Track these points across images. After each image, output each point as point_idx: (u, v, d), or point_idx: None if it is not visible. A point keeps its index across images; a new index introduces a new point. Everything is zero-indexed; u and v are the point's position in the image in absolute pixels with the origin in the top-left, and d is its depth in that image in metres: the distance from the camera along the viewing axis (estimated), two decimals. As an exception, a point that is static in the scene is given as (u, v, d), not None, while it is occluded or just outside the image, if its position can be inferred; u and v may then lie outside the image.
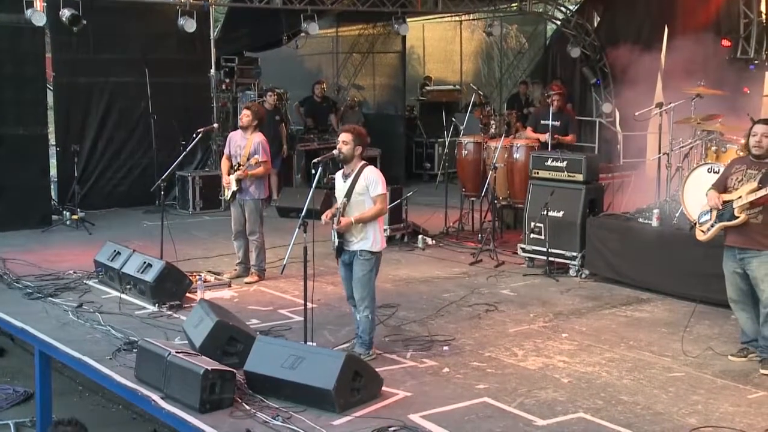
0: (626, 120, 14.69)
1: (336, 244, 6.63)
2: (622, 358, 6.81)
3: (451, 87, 18.92)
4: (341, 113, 16.43)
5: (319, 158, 6.73)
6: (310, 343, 6.70)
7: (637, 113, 10.21)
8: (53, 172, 13.36)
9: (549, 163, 9.66)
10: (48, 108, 12.85)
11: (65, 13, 12.28)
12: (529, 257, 9.81)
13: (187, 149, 9.61)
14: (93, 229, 11.84)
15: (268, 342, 6.06)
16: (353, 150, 6.66)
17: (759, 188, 6.25)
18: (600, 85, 16.94)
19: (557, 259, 9.49)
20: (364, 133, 6.86)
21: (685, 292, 8.17)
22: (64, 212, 12.36)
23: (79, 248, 10.47)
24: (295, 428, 5.38)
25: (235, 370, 5.82)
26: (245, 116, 9.01)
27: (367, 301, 6.66)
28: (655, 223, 8.70)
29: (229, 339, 6.38)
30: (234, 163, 9.01)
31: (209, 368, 5.56)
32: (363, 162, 6.75)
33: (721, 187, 6.59)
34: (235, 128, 14.71)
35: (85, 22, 12.39)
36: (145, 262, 8.24)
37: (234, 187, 8.92)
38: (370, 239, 6.64)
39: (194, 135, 9.46)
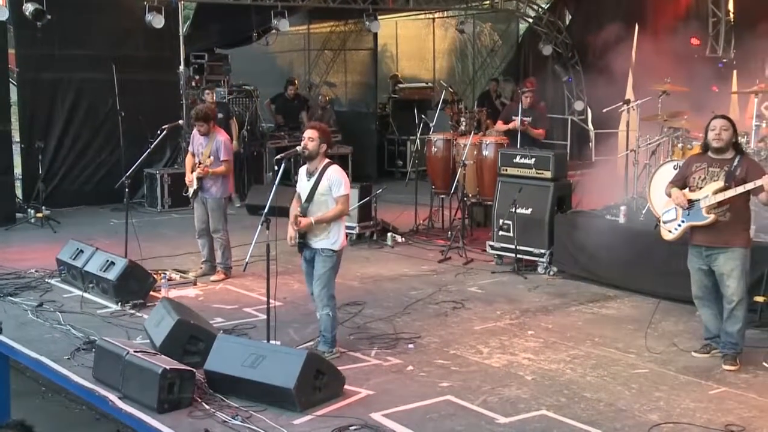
0: (598, 118, 14.76)
1: (294, 243, 6.58)
2: (587, 355, 6.79)
3: (423, 84, 18.86)
4: (313, 111, 16.33)
5: (282, 154, 6.66)
6: (274, 342, 6.63)
7: (604, 110, 10.22)
8: (18, 169, 13.21)
9: (517, 160, 9.64)
10: (11, 104, 12.66)
11: (28, 7, 12.14)
12: (497, 255, 9.78)
13: (152, 146, 9.52)
14: (58, 227, 11.69)
15: (228, 341, 5.98)
16: (318, 147, 6.60)
17: (726, 187, 6.23)
18: (572, 83, 16.99)
19: (526, 257, 9.47)
20: (329, 131, 6.84)
21: (652, 289, 8.18)
22: (29, 210, 12.19)
23: (42, 247, 10.32)
24: (255, 428, 5.31)
25: (194, 370, 5.73)
26: (198, 126, 8.91)
27: (326, 299, 6.60)
28: (622, 219, 8.71)
29: (190, 338, 6.30)
30: (196, 161, 8.92)
31: (167, 367, 5.48)
32: (327, 160, 6.69)
33: (680, 184, 6.56)
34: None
35: (49, 17, 12.25)
36: (107, 261, 8.13)
37: (195, 185, 8.83)
38: (332, 238, 6.59)
39: (159, 132, 9.35)
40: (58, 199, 13.01)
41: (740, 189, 6.21)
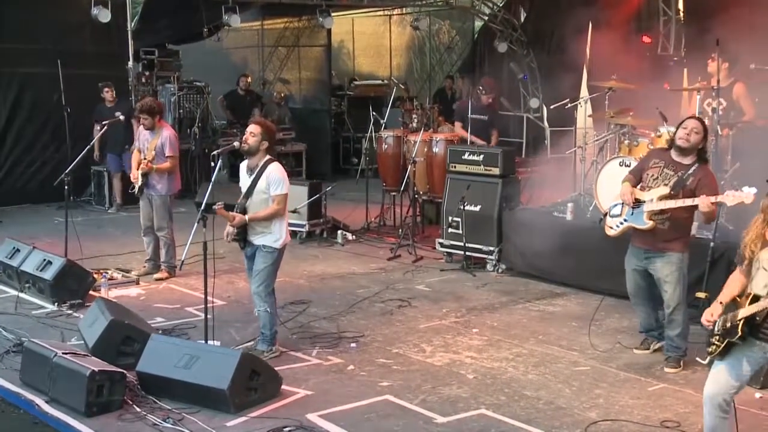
0: (555, 115, 14.76)
1: (230, 239, 6.46)
2: (530, 353, 6.74)
3: (379, 82, 18.77)
4: (267, 108, 16.17)
5: (219, 150, 6.52)
6: (212, 342, 6.50)
7: (551, 106, 10.19)
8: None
9: (466, 156, 9.57)
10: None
11: (-32, -1, 11.84)
12: (447, 252, 9.71)
13: (92, 143, 9.31)
14: (1, 225, 11.40)
15: (161, 341, 5.83)
16: (259, 144, 6.47)
17: (671, 195, 6.13)
18: (527, 80, 16.99)
19: (475, 254, 9.40)
20: (274, 129, 6.74)
21: (597, 286, 8.15)
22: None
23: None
24: (185, 430, 5.17)
25: (126, 372, 5.58)
26: (142, 119, 8.73)
27: (264, 295, 6.47)
28: (569, 216, 8.68)
29: (124, 338, 6.15)
30: (142, 157, 8.73)
31: (96, 369, 5.32)
32: (268, 157, 6.55)
33: (637, 177, 6.44)
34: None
35: (-10, 9, 11.97)
36: (44, 260, 7.92)
37: (140, 182, 8.65)
38: (274, 234, 6.46)
39: (99, 128, 9.14)
40: (2, 197, 12.72)
41: (686, 201, 6.06)
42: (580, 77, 14.86)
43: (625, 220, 6.41)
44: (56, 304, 7.70)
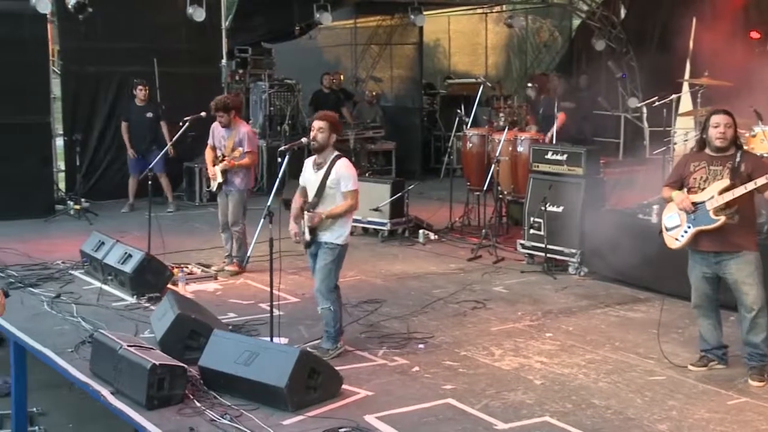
0: (654, 115, 14.29)
1: (299, 239, 6.45)
2: (603, 359, 6.49)
3: (472, 80, 18.56)
4: (359, 106, 16.22)
5: (285, 146, 6.51)
6: (280, 339, 6.50)
7: (638, 104, 9.84)
8: (61, 162, 13.37)
9: (549, 156, 9.33)
10: (53, 97, 12.80)
11: (71, 0, 12.23)
12: (528, 254, 9.49)
13: (174, 139, 9.49)
14: (96, 219, 11.77)
15: (223, 337, 5.85)
16: (328, 138, 6.44)
17: (733, 186, 5.81)
18: (626, 79, 16.53)
19: (556, 256, 9.16)
20: (338, 120, 6.67)
21: (684, 292, 7.75)
22: (68, 202, 12.30)
23: (76, 238, 10.28)
24: (242, 428, 5.16)
25: (187, 366, 5.62)
26: (218, 117, 8.79)
27: (326, 292, 6.44)
28: (654, 219, 8.33)
29: (191, 333, 6.19)
30: (219, 154, 8.82)
31: (157, 363, 5.37)
32: (336, 154, 6.52)
33: (678, 186, 6.16)
34: (247, 119, 14.75)
35: (90, 10, 12.34)
36: (126, 253, 8.09)
37: (219, 179, 8.74)
38: (336, 232, 6.42)
39: (181, 124, 9.30)
40: (100, 191, 13.11)
41: (749, 186, 5.74)
42: (683, 75, 14.36)
43: (690, 227, 6.05)
44: (135, 296, 7.86)
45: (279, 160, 6.32)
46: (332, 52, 18.74)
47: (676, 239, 6.16)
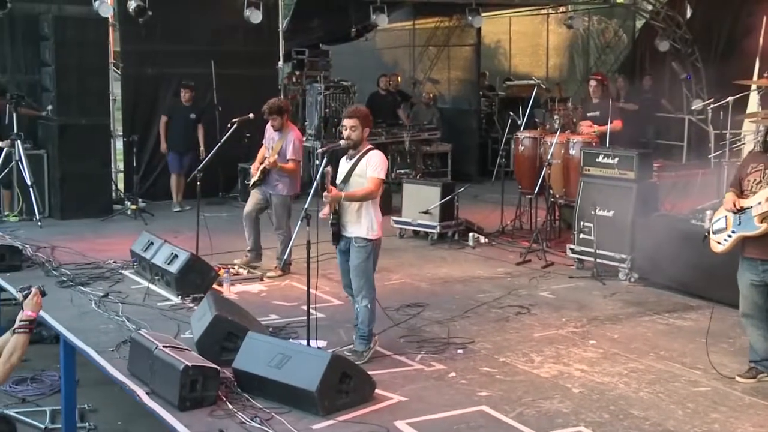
0: (720, 117, 13.93)
1: (330, 221, 6.39)
2: (646, 369, 6.33)
3: (530, 82, 18.36)
4: (417, 108, 16.17)
5: (324, 147, 6.50)
6: (318, 343, 6.50)
7: (693, 107, 9.59)
8: (120, 162, 13.62)
9: (600, 159, 9.15)
10: (113, 99, 13.05)
11: (131, 4, 12.46)
12: (578, 259, 9.32)
13: (222, 140, 9.57)
14: (152, 219, 11.94)
15: (257, 339, 5.86)
16: (362, 133, 6.45)
17: None
18: (691, 80, 16.17)
19: (606, 261, 8.97)
20: (368, 113, 6.62)
21: (737, 300, 7.53)
22: (126, 202, 12.52)
23: (130, 238, 10.36)
24: (270, 431, 5.15)
25: (220, 368, 5.64)
26: (271, 120, 8.83)
27: (365, 290, 6.41)
28: (707, 224, 8.08)
29: (227, 334, 6.22)
30: (267, 154, 8.87)
31: (189, 364, 5.40)
32: (370, 146, 6.53)
33: (737, 187, 5.99)
34: (303, 121, 14.84)
35: (150, 13, 12.56)
36: (172, 253, 8.17)
37: (258, 177, 8.78)
38: (363, 225, 6.38)
39: (229, 126, 9.38)
40: (158, 191, 13.31)
41: None
42: (751, 77, 13.97)
43: (734, 231, 5.87)
44: (180, 297, 7.93)
45: (317, 161, 6.30)
46: (391, 54, 18.73)
47: (719, 243, 6.02)
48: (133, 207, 12.13)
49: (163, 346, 5.67)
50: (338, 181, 6.45)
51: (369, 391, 5.67)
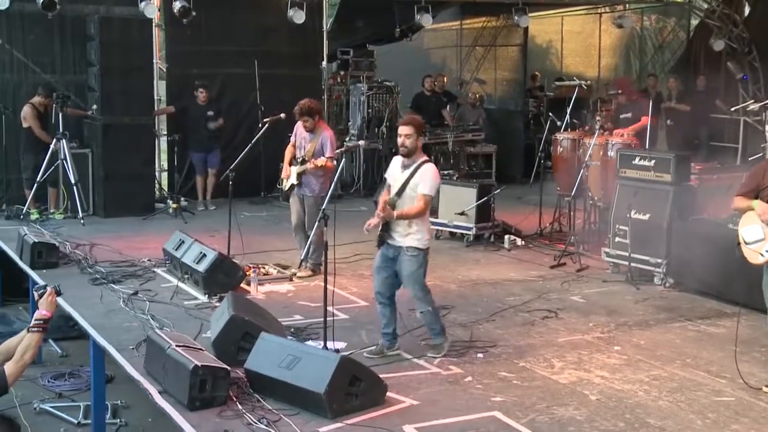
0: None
1: (370, 229, 6.45)
2: (669, 376, 6.16)
3: (580, 82, 18.05)
4: (462, 109, 16.04)
5: (343, 149, 6.48)
6: (337, 344, 6.47)
7: (732, 108, 9.33)
8: (164, 161, 13.79)
9: (636, 161, 8.96)
10: (157, 99, 13.21)
11: (176, 5, 12.61)
12: (613, 262, 9.13)
13: (254, 140, 9.59)
14: (191, 218, 12.06)
15: (269, 340, 5.84)
16: (416, 142, 6.46)
17: None
18: (747, 81, 15.76)
19: (641, 266, 8.77)
20: (422, 122, 6.75)
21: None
22: (168, 201, 12.66)
23: (168, 237, 10.56)
24: (277, 432, 5.15)
25: (230, 368, 5.64)
26: (302, 121, 8.79)
27: (422, 296, 6.46)
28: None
29: (244, 334, 6.22)
30: (298, 156, 8.84)
31: (199, 364, 5.41)
32: (425, 157, 6.54)
33: (753, 195, 5.77)
34: (347, 120, 14.83)
35: (194, 13, 12.69)
36: (201, 252, 8.22)
37: (294, 180, 8.76)
38: (417, 235, 6.39)
39: (260, 125, 9.41)
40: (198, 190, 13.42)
41: None
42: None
43: None
44: (207, 296, 7.98)
45: (334, 162, 6.28)
46: (438, 54, 18.63)
47: (761, 254, 5.81)
48: (174, 206, 12.25)
49: (177, 346, 5.69)
50: (392, 192, 6.48)
51: (380, 394, 5.62)
